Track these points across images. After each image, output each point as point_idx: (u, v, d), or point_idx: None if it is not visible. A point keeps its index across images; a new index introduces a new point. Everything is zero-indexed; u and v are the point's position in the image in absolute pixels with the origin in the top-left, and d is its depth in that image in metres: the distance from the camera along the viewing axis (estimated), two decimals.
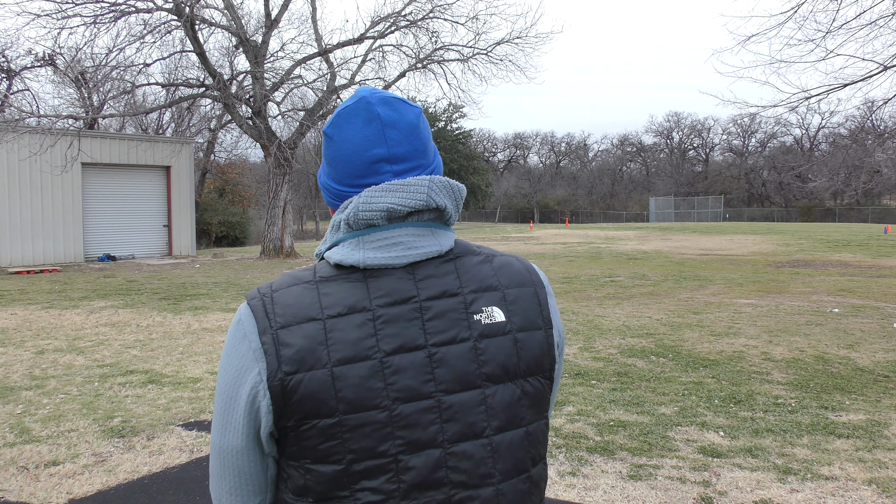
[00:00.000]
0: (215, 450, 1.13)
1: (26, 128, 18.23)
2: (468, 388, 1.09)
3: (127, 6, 18.03)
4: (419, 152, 1.15)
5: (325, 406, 1.04)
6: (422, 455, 1.06)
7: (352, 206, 1.11)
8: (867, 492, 3.96)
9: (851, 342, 8.05)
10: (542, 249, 23.73)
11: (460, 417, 1.08)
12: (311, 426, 1.05)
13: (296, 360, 1.05)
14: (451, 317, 1.10)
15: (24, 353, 7.61)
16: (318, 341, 1.05)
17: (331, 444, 1.05)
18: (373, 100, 1.14)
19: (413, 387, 1.06)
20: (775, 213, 61.59)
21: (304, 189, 47.87)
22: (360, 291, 1.08)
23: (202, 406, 5.65)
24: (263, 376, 1.06)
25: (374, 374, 1.05)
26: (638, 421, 5.19)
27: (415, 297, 1.09)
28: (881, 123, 21.39)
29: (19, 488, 4.05)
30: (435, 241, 1.13)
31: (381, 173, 1.13)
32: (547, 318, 1.17)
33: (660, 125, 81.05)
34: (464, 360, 1.09)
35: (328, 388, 1.04)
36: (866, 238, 27.44)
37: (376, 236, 1.10)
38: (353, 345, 1.05)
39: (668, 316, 9.87)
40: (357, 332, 1.06)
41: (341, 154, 1.15)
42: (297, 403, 1.04)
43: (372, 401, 1.04)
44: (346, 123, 1.14)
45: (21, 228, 18.72)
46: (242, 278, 15.26)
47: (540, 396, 1.15)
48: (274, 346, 1.06)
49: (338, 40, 22.11)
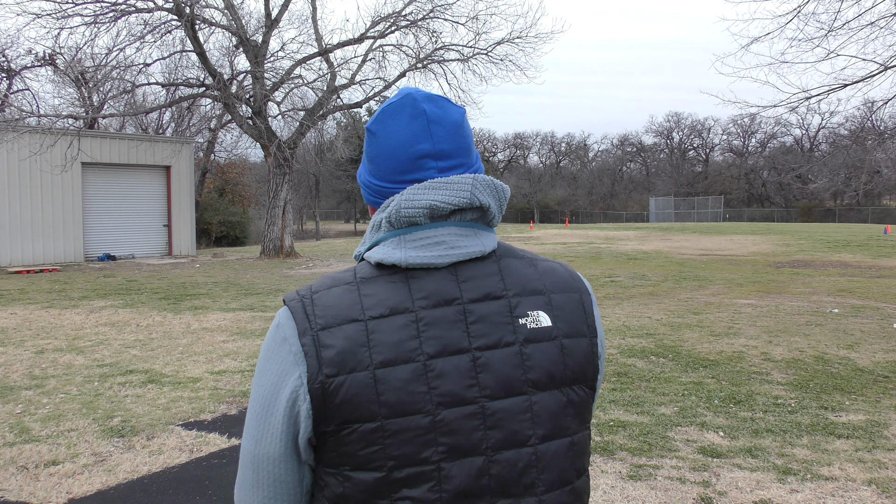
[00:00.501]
0: (248, 458, 1.10)
1: (26, 127, 18.24)
2: (513, 394, 1.06)
3: (127, 6, 18.04)
4: (463, 150, 1.14)
5: (367, 410, 1.01)
6: (464, 462, 1.03)
7: (394, 203, 1.09)
8: (867, 492, 3.96)
9: (851, 342, 8.05)
10: (542, 249, 23.72)
11: (504, 424, 1.05)
12: (352, 431, 1.02)
13: (337, 362, 1.02)
14: (496, 320, 1.07)
15: (23, 353, 7.61)
16: (359, 343, 1.02)
17: (372, 450, 1.02)
18: (418, 96, 1.13)
19: (456, 391, 1.03)
20: (775, 214, 61.61)
21: (304, 189, 47.90)
22: (402, 292, 1.06)
23: (202, 406, 5.65)
24: (304, 379, 1.03)
25: (418, 378, 1.02)
26: (638, 421, 5.19)
27: (458, 299, 1.06)
28: (881, 123, 21.39)
29: (19, 488, 4.05)
30: (478, 242, 1.10)
31: (426, 169, 1.11)
32: (592, 326, 1.14)
33: (660, 125, 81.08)
34: (509, 365, 1.06)
35: (370, 391, 1.01)
36: (866, 238, 27.44)
37: (418, 235, 1.08)
38: (395, 347, 1.03)
39: (667, 316, 9.87)
40: (399, 334, 1.03)
41: (385, 150, 1.13)
42: (337, 407, 1.02)
43: (415, 405, 1.01)
44: (391, 119, 1.13)
45: (21, 228, 18.72)
46: (242, 278, 15.26)
47: (584, 406, 1.13)
48: (314, 348, 1.03)
49: (338, 40, 22.15)
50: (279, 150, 20.54)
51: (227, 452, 4.64)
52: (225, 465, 4.44)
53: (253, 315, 10.11)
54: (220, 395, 5.98)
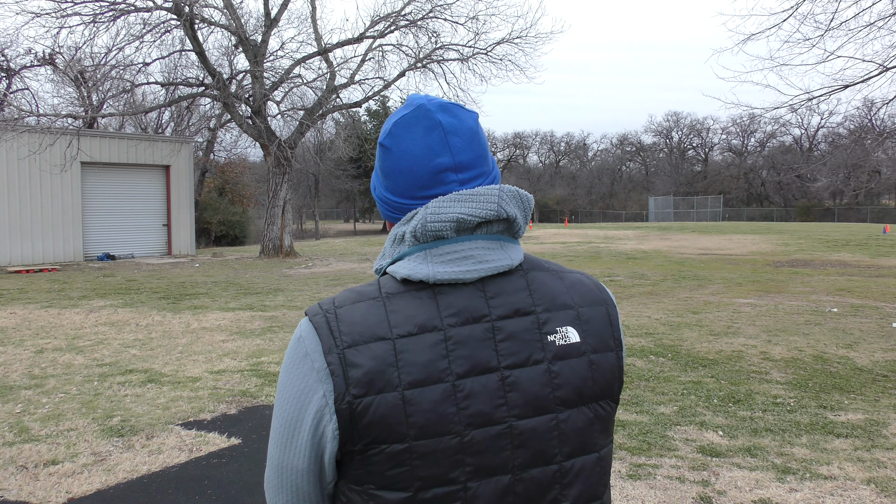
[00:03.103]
0: (274, 464, 1.09)
1: (26, 127, 18.23)
2: (541, 412, 1.05)
3: (126, 5, 18.03)
4: (482, 159, 1.12)
5: (396, 431, 0.99)
6: (491, 482, 1.02)
7: (418, 216, 1.06)
8: (866, 491, 3.96)
9: (850, 342, 8.06)
10: (542, 249, 23.73)
11: (532, 444, 1.04)
12: (379, 451, 1.00)
13: (365, 383, 0.99)
14: (525, 337, 1.05)
15: (23, 353, 7.61)
16: (388, 363, 1.00)
17: (399, 471, 1.00)
18: (432, 107, 1.10)
19: (486, 412, 1.02)
20: (774, 213, 61.63)
21: (303, 188, 47.88)
22: (430, 309, 1.03)
23: (201, 405, 5.65)
24: (330, 399, 1.01)
25: (447, 399, 1.00)
26: (637, 420, 5.20)
27: (487, 316, 1.04)
28: (881, 123, 21.40)
29: (19, 487, 4.05)
30: (506, 255, 1.08)
31: (447, 183, 1.08)
32: (618, 340, 1.13)
33: (659, 125, 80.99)
34: (537, 383, 1.05)
35: (399, 412, 0.99)
36: (865, 238, 27.45)
37: (444, 249, 1.05)
38: (424, 367, 1.00)
39: (667, 315, 9.88)
40: (429, 354, 1.01)
41: (402, 165, 1.09)
42: (365, 428, 1.00)
43: (444, 426, 1.00)
44: (406, 133, 1.09)
45: (20, 227, 18.71)
46: (242, 277, 15.26)
47: (609, 420, 1.12)
48: (341, 367, 1.00)
49: (337, 39, 22.13)
50: (279, 150, 20.53)
51: (226, 452, 4.65)
52: (224, 464, 4.44)
53: (252, 315, 10.11)
54: (220, 394, 5.98)
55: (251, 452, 4.63)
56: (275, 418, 1.09)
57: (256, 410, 5.55)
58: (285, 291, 12.78)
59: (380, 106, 44.96)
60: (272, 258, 20.48)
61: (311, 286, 13.61)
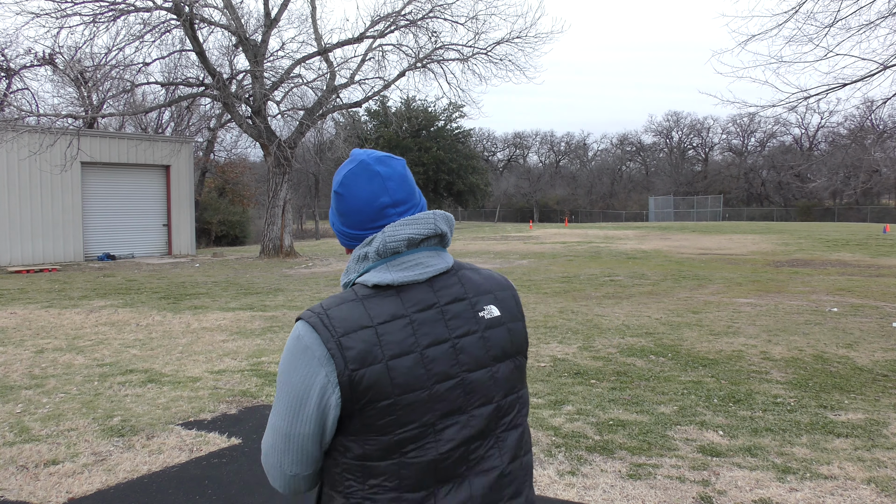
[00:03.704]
0: (282, 433, 1.39)
1: (26, 127, 18.24)
2: (481, 367, 1.43)
3: (126, 5, 18.03)
4: (411, 194, 1.48)
5: (384, 391, 1.33)
6: (452, 419, 1.38)
7: (378, 240, 1.41)
8: (866, 491, 3.96)
9: (850, 341, 8.06)
10: (542, 249, 23.72)
11: (478, 390, 1.42)
12: (373, 407, 1.33)
13: (359, 360, 1.33)
14: (464, 316, 1.44)
15: (23, 353, 7.61)
16: (373, 343, 1.34)
17: (387, 419, 1.34)
18: (370, 160, 1.45)
19: (445, 370, 1.38)
20: (774, 213, 61.62)
21: (303, 188, 47.88)
22: (397, 303, 1.39)
23: (202, 405, 5.65)
24: (332, 377, 1.34)
25: (417, 364, 1.36)
26: (637, 420, 5.20)
27: (437, 304, 1.42)
28: (880, 123, 21.39)
29: (19, 487, 4.05)
30: (442, 260, 1.46)
31: (389, 216, 1.44)
32: (521, 313, 1.56)
33: (659, 125, 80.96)
34: (477, 347, 1.43)
35: (385, 377, 1.33)
36: (865, 237, 27.44)
37: (401, 260, 1.42)
38: (399, 344, 1.35)
39: (667, 315, 9.88)
40: (401, 334, 1.36)
41: (354, 206, 1.45)
42: (362, 392, 1.33)
43: (417, 384, 1.35)
44: (353, 183, 1.45)
45: (20, 227, 18.71)
46: (242, 277, 15.26)
47: (524, 370, 1.55)
48: (339, 351, 1.33)
49: (337, 39, 22.12)
50: (279, 150, 20.53)
51: (226, 452, 4.65)
52: (225, 464, 4.44)
53: (252, 314, 10.11)
54: (220, 394, 5.98)
55: (251, 452, 4.63)
56: (280, 400, 1.40)
57: (257, 410, 5.55)
58: (285, 291, 12.78)
59: (380, 106, 44.91)
60: (272, 258, 20.48)
61: (312, 286, 13.61)
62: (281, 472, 1.43)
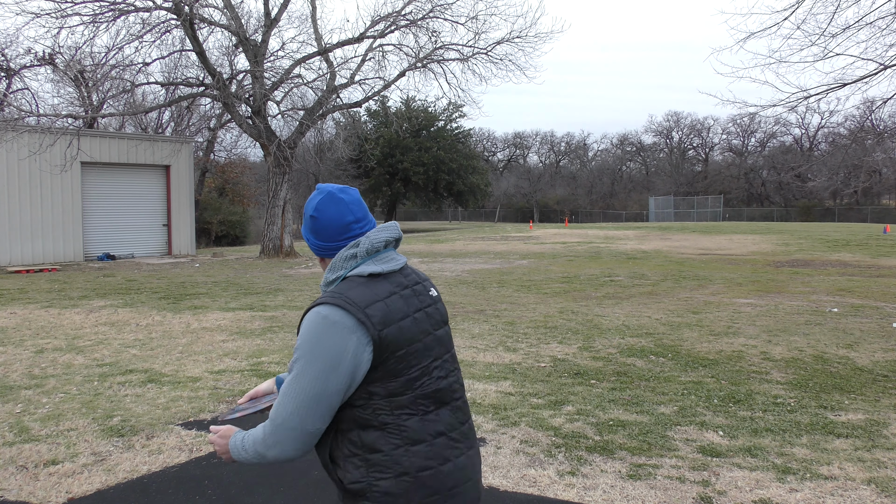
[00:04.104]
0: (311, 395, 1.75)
1: (26, 127, 18.23)
2: (440, 327, 1.99)
3: (126, 5, 18.02)
4: (366, 213, 1.98)
5: (398, 344, 1.81)
6: (435, 361, 1.91)
7: (365, 243, 1.90)
8: (866, 491, 3.96)
9: (850, 342, 8.05)
10: (542, 249, 23.72)
11: (443, 342, 1.98)
12: (392, 356, 1.81)
13: (382, 323, 1.79)
14: (423, 294, 1.98)
15: (23, 353, 7.61)
16: (385, 311, 1.82)
17: (401, 365, 1.82)
18: (335, 191, 1.95)
19: (426, 328, 1.92)
20: (774, 213, 61.61)
21: (303, 188, 47.82)
22: (387, 285, 1.88)
23: (201, 405, 5.65)
24: (364, 339, 1.77)
25: (413, 325, 1.87)
26: (637, 420, 5.20)
27: (409, 286, 1.94)
28: (880, 123, 21.38)
29: (18, 487, 4.05)
30: (402, 257, 2.00)
31: (353, 230, 1.94)
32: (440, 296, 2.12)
33: (659, 125, 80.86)
34: (435, 314, 1.98)
35: (398, 334, 1.82)
36: (865, 238, 27.44)
37: (381, 256, 1.93)
38: (400, 310, 1.85)
39: (667, 315, 9.87)
40: (399, 304, 1.86)
41: (326, 225, 1.94)
42: (386, 346, 1.79)
43: (415, 338, 1.86)
44: (325, 208, 1.93)
45: (20, 227, 18.71)
46: (242, 277, 15.25)
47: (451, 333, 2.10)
48: (367, 319, 1.78)
49: (338, 39, 22.13)
50: (279, 150, 20.53)
51: None
52: (225, 464, 4.43)
53: (252, 314, 10.11)
54: (220, 394, 5.98)
55: None
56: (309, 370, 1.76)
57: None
58: (285, 291, 12.78)
59: (380, 106, 44.88)
60: (272, 258, 20.47)
61: (312, 286, 13.60)
62: (301, 432, 1.78)
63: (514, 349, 7.70)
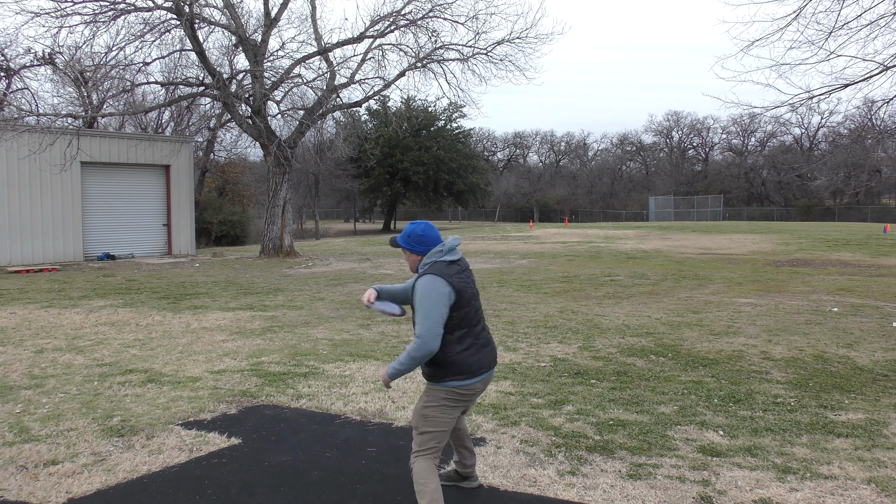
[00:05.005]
0: (436, 315, 3.35)
1: (25, 127, 18.22)
2: (476, 294, 3.61)
3: (126, 5, 18.01)
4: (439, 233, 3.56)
5: (464, 297, 3.44)
6: (474, 306, 3.55)
7: (446, 246, 3.54)
8: (866, 491, 3.96)
9: (851, 341, 8.05)
10: (542, 248, 23.71)
11: (478, 297, 3.61)
12: (461, 299, 3.43)
13: (459, 288, 3.42)
14: (469, 272, 3.60)
15: (23, 353, 7.61)
16: (458, 281, 3.44)
17: (465, 308, 3.45)
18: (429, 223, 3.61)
19: (474, 292, 3.56)
20: (775, 213, 61.60)
21: (303, 188, 47.82)
22: (456, 267, 3.50)
23: (202, 405, 5.65)
24: (453, 292, 3.39)
25: (467, 287, 3.49)
26: (637, 420, 5.20)
27: (465, 269, 3.57)
28: (881, 123, 21.36)
29: (18, 487, 4.05)
30: (461, 252, 3.59)
31: (439, 240, 3.56)
32: None
33: (659, 124, 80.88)
34: (474, 283, 3.59)
35: (463, 290, 3.44)
36: (865, 237, 27.44)
37: (453, 253, 3.54)
38: (464, 281, 3.48)
39: (667, 315, 9.87)
40: (463, 277, 3.50)
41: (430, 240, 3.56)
42: (459, 295, 3.42)
43: (470, 296, 3.49)
44: (428, 231, 3.58)
45: (20, 227, 18.70)
46: (242, 277, 15.25)
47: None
48: (454, 284, 3.40)
49: (337, 39, 22.08)
50: (279, 150, 20.52)
51: (226, 452, 4.64)
52: (225, 464, 4.43)
53: (252, 314, 10.10)
54: (220, 394, 5.98)
55: (251, 452, 4.63)
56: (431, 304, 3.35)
57: (256, 410, 5.55)
58: (285, 291, 12.78)
59: (380, 106, 44.85)
60: (272, 258, 20.46)
61: (312, 286, 13.61)
62: (436, 333, 3.33)
63: (515, 349, 7.70)
